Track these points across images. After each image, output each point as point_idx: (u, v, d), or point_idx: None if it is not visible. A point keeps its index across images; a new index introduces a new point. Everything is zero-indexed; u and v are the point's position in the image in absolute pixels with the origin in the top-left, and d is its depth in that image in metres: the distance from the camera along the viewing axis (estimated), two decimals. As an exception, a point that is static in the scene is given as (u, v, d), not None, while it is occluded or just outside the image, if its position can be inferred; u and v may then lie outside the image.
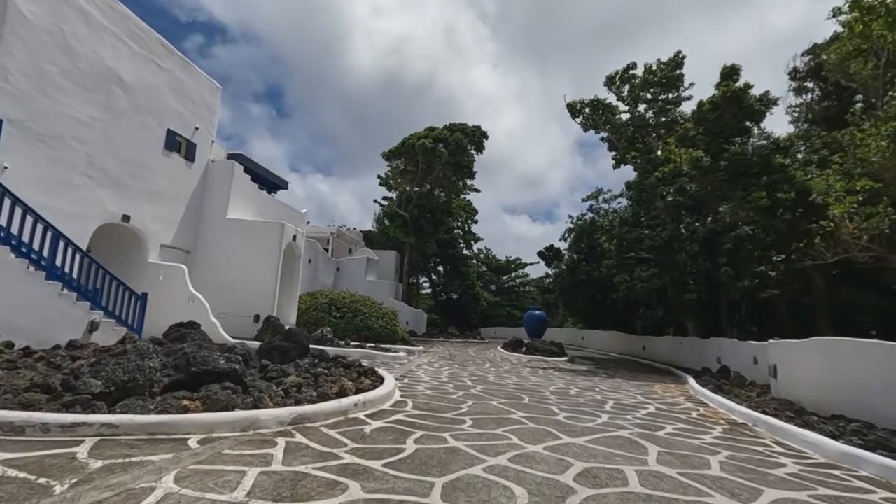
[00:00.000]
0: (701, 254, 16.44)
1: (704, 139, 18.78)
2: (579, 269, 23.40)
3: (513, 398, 7.10)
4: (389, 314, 15.96)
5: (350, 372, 6.62)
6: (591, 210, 25.17)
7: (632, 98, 19.98)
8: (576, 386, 9.69)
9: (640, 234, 18.12)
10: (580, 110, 20.59)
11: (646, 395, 9.09)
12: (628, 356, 24.15)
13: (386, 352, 11.97)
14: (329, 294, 16.26)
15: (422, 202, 31.43)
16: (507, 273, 52.43)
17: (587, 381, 10.78)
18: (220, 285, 13.94)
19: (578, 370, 14.37)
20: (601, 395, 8.53)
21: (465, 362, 13.62)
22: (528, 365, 14.95)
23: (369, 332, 15.29)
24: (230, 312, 13.75)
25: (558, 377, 11.36)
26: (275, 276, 13.97)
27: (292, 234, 14.82)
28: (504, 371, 11.91)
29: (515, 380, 9.90)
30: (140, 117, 11.98)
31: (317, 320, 15.26)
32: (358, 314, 15.48)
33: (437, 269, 43.26)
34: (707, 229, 16.57)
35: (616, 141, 20.36)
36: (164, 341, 7.13)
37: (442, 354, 16.04)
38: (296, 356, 6.85)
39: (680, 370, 17.01)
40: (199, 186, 14.30)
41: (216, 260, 14.16)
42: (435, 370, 10.52)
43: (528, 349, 19.73)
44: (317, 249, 26.82)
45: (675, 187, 17.30)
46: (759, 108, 18.10)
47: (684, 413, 7.01)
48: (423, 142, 27.92)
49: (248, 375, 5.43)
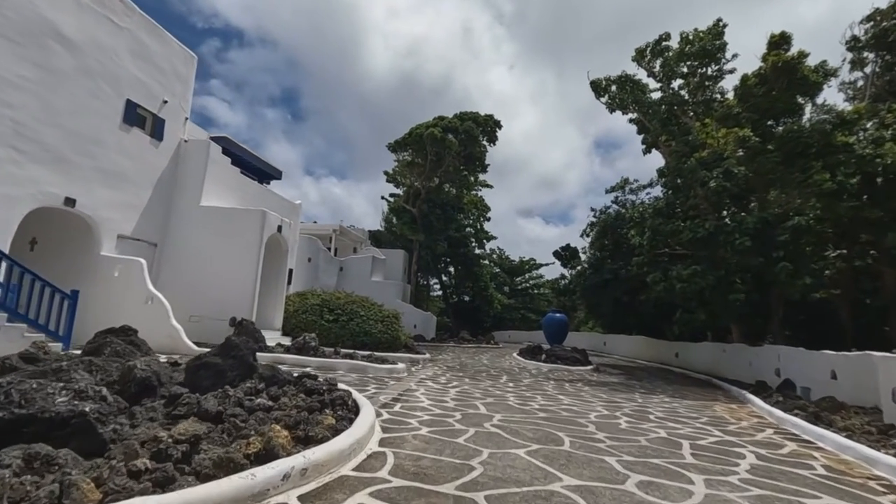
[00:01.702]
0: (752, 248, 14.08)
1: (750, 117, 16.41)
2: (604, 267, 21.06)
3: (547, 440, 4.94)
4: (390, 317, 13.88)
5: (309, 402, 4.54)
6: (615, 202, 22.84)
7: (665, 73, 17.69)
8: (620, 409, 7.48)
9: (677, 227, 15.79)
10: (606, 88, 18.37)
11: (715, 423, 6.87)
12: (659, 364, 21.75)
13: (382, 363, 9.89)
14: (321, 294, 14.24)
15: (431, 197, 29.38)
16: (521, 274, 50.19)
17: (630, 401, 8.56)
18: (192, 283, 12.01)
19: (611, 383, 12.13)
20: (660, 425, 6.34)
21: (478, 374, 11.48)
22: (552, 377, 12.76)
23: (367, 338, 13.22)
24: (204, 315, 11.81)
25: (592, 395, 9.15)
26: (254, 273, 11.98)
27: (276, 225, 12.82)
28: (525, 386, 9.74)
29: (542, 402, 7.73)
30: (89, 82, 10.07)
31: (306, 324, 13.24)
32: (354, 317, 13.43)
33: (448, 270, 41.18)
34: (758, 219, 14.20)
35: (647, 122, 18.08)
36: (39, 357, 5.11)
37: (451, 364, 13.92)
38: (234, 378, 4.80)
39: (725, 382, 14.71)
40: (170, 169, 12.38)
41: (188, 254, 12.23)
42: (440, 388, 8.39)
43: (548, 356, 17.52)
44: (318, 247, 24.91)
45: (721, 171, 14.95)
46: (815, 80, 15.71)
47: (800, 463, 4.79)
48: (432, 131, 25.87)
49: (119, 419, 3.37)
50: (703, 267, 15.14)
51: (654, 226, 16.44)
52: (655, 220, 16.40)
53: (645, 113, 17.89)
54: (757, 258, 14.16)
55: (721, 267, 15.14)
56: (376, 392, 7.23)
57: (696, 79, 17.17)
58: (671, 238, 16.18)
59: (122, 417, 3.63)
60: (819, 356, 10.69)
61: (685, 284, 15.26)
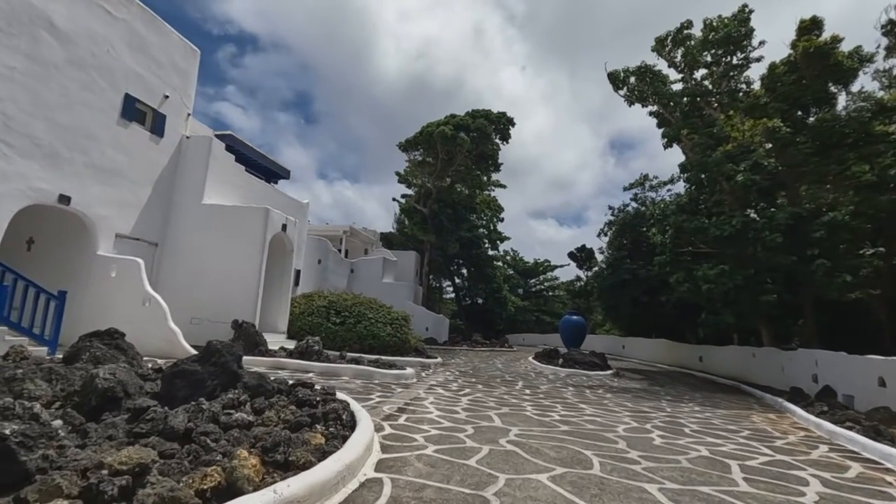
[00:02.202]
0: (784, 245, 13.20)
1: (779, 107, 15.51)
2: (623, 267, 20.20)
3: (573, 461, 4.26)
4: (399, 319, 13.27)
5: (298, 416, 3.93)
6: (634, 200, 21.95)
7: (687, 63, 16.86)
8: (649, 420, 6.75)
9: (701, 224, 14.94)
10: (624, 80, 17.58)
11: (759, 437, 6.11)
12: (681, 368, 20.81)
13: (389, 368, 9.27)
14: (328, 296, 13.69)
15: (442, 197, 28.77)
16: (535, 276, 49.32)
17: (658, 411, 7.81)
18: (193, 284, 11.55)
19: (633, 390, 11.37)
20: (698, 440, 5.61)
21: (492, 380, 10.80)
22: (570, 382, 12.02)
23: (375, 342, 12.63)
24: (205, 317, 11.33)
25: (616, 404, 8.41)
26: (257, 273, 11.47)
27: (280, 224, 12.30)
28: (542, 394, 9.04)
29: (563, 412, 7.03)
30: (83, 75, 9.66)
31: (312, 327, 12.69)
32: (361, 320, 12.84)
33: (461, 272, 40.52)
34: (790, 214, 13.31)
35: (668, 115, 17.26)
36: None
37: (463, 368, 13.26)
38: (215, 387, 4.22)
39: (755, 388, 13.83)
40: (171, 166, 11.95)
41: (189, 254, 11.77)
42: (450, 396, 7.74)
43: (565, 361, 16.74)
44: (327, 249, 24.46)
45: (748, 163, 14.07)
46: (850, 66, 14.76)
47: (877, 491, 4.05)
48: (444, 129, 25.28)
49: (60, 441, 2.78)
50: (731, 266, 14.28)
51: (676, 223, 15.60)
52: (679, 217, 15.56)
53: (666, 105, 17.07)
54: (789, 256, 13.28)
55: (749, 266, 14.27)
56: (380, 401, 6.61)
57: (720, 68, 16.31)
58: (695, 236, 15.33)
59: (71, 438, 3.06)
60: (864, 361, 9.81)
61: (712, 285, 14.41)
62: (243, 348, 9.44)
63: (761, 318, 15.54)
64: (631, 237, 20.36)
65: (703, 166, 15.04)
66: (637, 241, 20.01)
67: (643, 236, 19.55)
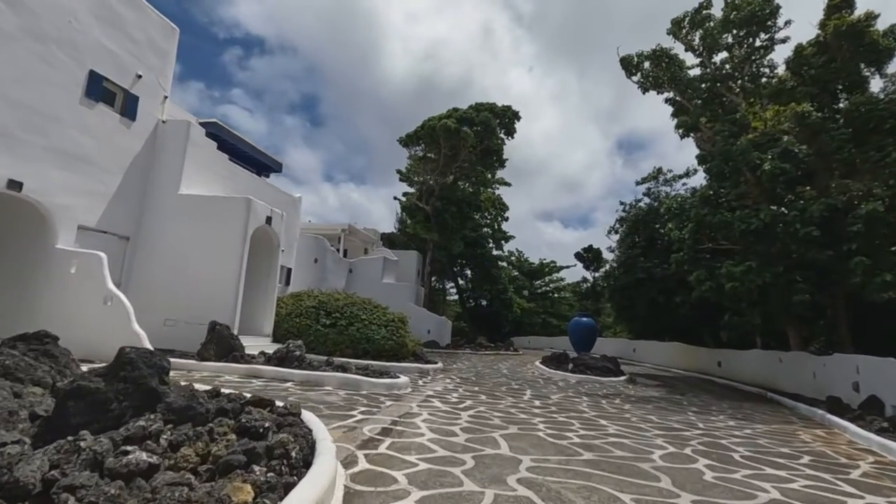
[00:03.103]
0: (819, 240, 12.00)
1: (809, 91, 14.32)
2: (637, 265, 18.99)
3: (606, 511, 3.14)
4: (396, 321, 12.16)
5: (230, 452, 2.84)
6: (648, 195, 20.74)
7: (706, 46, 15.69)
8: (686, 442, 5.61)
9: (725, 218, 13.75)
10: (638, 65, 16.43)
11: (825, 465, 4.96)
12: (698, 374, 19.58)
13: (380, 376, 8.16)
14: (318, 295, 12.60)
15: (445, 195, 27.66)
16: (541, 277, 48.10)
17: (689, 427, 6.66)
18: (168, 283, 10.51)
19: (653, 399, 10.23)
20: (756, 471, 4.47)
21: (497, 388, 9.68)
22: (583, 390, 10.89)
23: (369, 346, 11.53)
24: (181, 319, 10.27)
25: (639, 418, 7.27)
26: (237, 270, 10.40)
27: (265, 216, 11.23)
28: (554, 405, 7.91)
29: (581, 430, 5.90)
30: (41, 47, 8.64)
31: (300, 329, 11.62)
32: (354, 321, 11.75)
33: (465, 273, 39.41)
34: (826, 206, 12.11)
35: (685, 101, 16.09)
36: None
37: (465, 374, 12.15)
38: (124, 411, 3.15)
39: (783, 396, 12.67)
40: (145, 153, 10.93)
41: (164, 249, 10.73)
42: (448, 411, 6.63)
43: (575, 366, 15.59)
44: (325, 247, 23.43)
45: (777, 150, 12.88)
46: (886, 46, 13.57)
47: None
48: (446, 122, 24.20)
49: None
50: (758, 263, 13.08)
51: (698, 217, 14.41)
52: (700, 211, 14.37)
53: (683, 91, 15.90)
54: (825, 252, 12.07)
55: (778, 263, 13.08)
56: (362, 419, 5.50)
57: (742, 50, 15.13)
58: (718, 231, 14.14)
59: None
60: (921, 369, 8.63)
61: (737, 283, 13.21)
62: (215, 353, 8.37)
63: (789, 320, 14.34)
64: (645, 234, 19.17)
65: (727, 155, 13.85)
66: (651, 238, 18.82)
67: (658, 233, 18.37)
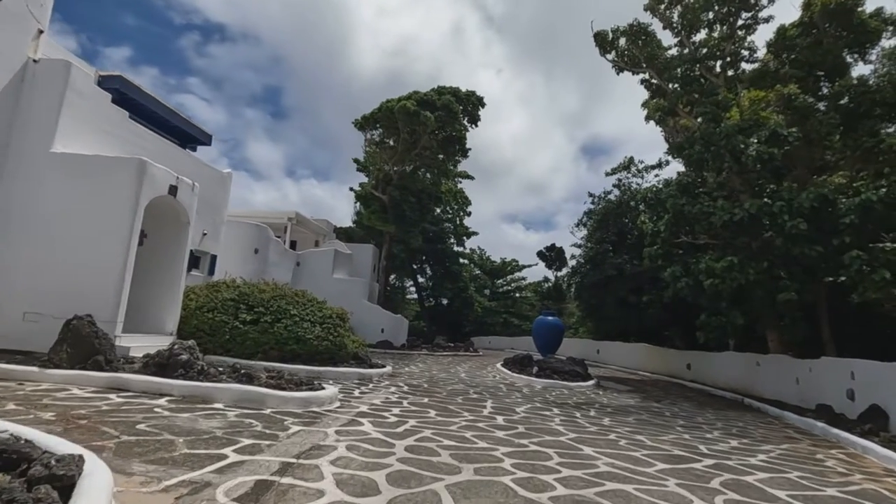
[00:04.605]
0: (808, 234, 10.89)
1: (795, 74, 13.33)
2: (607, 261, 17.69)
3: None
4: (334, 318, 10.19)
5: None
6: (618, 186, 19.52)
7: (686, 24, 14.50)
8: (697, 476, 3.99)
9: (706, 208, 12.52)
10: (613, 42, 15.08)
11: None
12: (667, 377, 18.51)
13: (298, 387, 6.22)
14: (239, 286, 10.45)
15: (404, 184, 25.76)
16: (503, 276, 46.93)
17: (687, 448, 5.09)
18: (33, 265, 8.18)
19: (631, 409, 8.75)
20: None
21: (451, 399, 7.91)
22: (551, 399, 9.29)
23: (298, 347, 9.51)
24: (48, 312, 7.96)
25: (627, 439, 5.65)
26: (124, 251, 8.16)
27: (167, 184, 9.00)
28: (521, 423, 6.20)
29: (562, 468, 4.19)
30: None
31: (213, 326, 9.47)
32: (281, 317, 9.70)
33: (424, 269, 37.62)
34: (816, 196, 11.02)
35: (662, 83, 14.86)
36: None
37: (416, 380, 10.33)
38: None
39: (763, 403, 11.61)
40: (7, 98, 8.52)
41: (30, 222, 8.37)
42: (380, 437, 4.78)
43: (541, 369, 14.07)
44: (268, 237, 21.05)
45: (765, 134, 11.73)
46: (875, 26, 12.71)
47: None
48: (405, 104, 22.30)
49: None
50: (741, 258, 11.91)
51: (675, 207, 13.14)
52: (678, 201, 13.10)
53: (660, 72, 14.66)
54: (815, 247, 10.97)
55: (762, 258, 11.95)
56: (234, 464, 3.57)
57: (724, 29, 14.02)
58: (698, 222, 12.91)
59: None
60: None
61: (717, 280, 11.99)
62: (69, 358, 6.19)
63: (768, 320, 13.30)
64: (615, 228, 17.93)
65: (709, 139, 12.63)
66: (622, 233, 17.60)
67: (628, 227, 17.17)
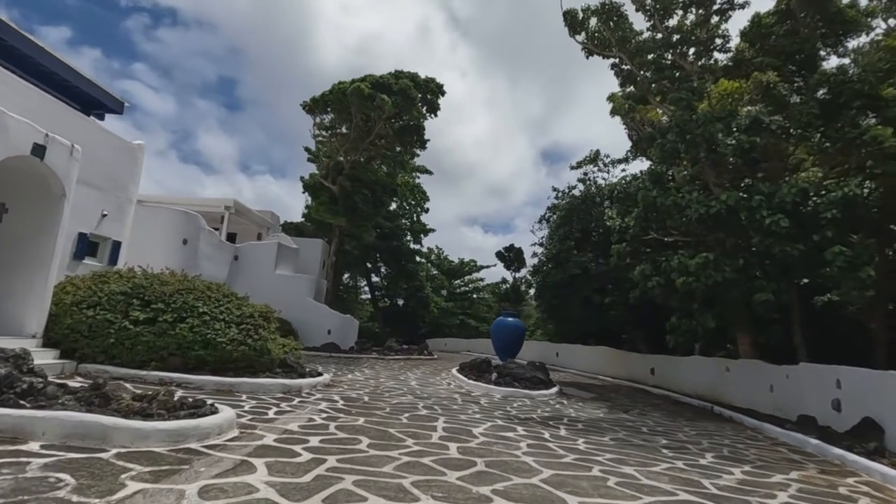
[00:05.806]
0: (789, 230, 10.07)
1: (770, 63, 12.63)
2: (571, 260, 16.63)
3: None
4: (255, 317, 8.39)
5: None
6: (583, 181, 18.58)
7: (659, 7, 13.59)
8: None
9: (679, 200, 11.57)
10: (583, 22, 14.00)
11: None
12: (629, 382, 17.65)
13: (172, 412, 4.49)
14: (133, 277, 8.48)
15: (357, 174, 23.91)
16: (461, 276, 45.78)
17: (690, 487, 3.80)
18: None
19: (604, 424, 7.47)
20: None
21: (394, 418, 6.35)
22: (513, 412, 7.89)
23: (207, 352, 7.68)
24: None
25: (616, 474, 4.29)
26: (-45, 224, 6.12)
27: (30, 142, 6.96)
28: (478, 452, 4.72)
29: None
30: None
31: (94, 326, 7.48)
32: (188, 315, 7.83)
33: (379, 268, 35.83)
34: (798, 190, 10.22)
35: (633, 67, 13.90)
36: None
37: (357, 391, 8.71)
38: None
39: (735, 412, 10.79)
40: None
41: None
42: (276, 493, 3.16)
43: (500, 376, 12.74)
44: (199, 226, 18.79)
45: (746, 121, 10.88)
46: (853, 17, 12.18)
47: None
48: (360, 86, 20.54)
49: None
50: (718, 255, 11.00)
51: (646, 198, 12.14)
52: (650, 192, 12.10)
53: (632, 56, 13.68)
54: (796, 244, 10.16)
55: (739, 255, 11.09)
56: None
57: (700, 10, 13.20)
58: (670, 216, 11.96)
59: None
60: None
61: (692, 278, 11.03)
62: None
63: (742, 323, 12.53)
64: (579, 225, 16.93)
65: (684, 127, 11.69)
66: (586, 230, 16.63)
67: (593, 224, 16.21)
